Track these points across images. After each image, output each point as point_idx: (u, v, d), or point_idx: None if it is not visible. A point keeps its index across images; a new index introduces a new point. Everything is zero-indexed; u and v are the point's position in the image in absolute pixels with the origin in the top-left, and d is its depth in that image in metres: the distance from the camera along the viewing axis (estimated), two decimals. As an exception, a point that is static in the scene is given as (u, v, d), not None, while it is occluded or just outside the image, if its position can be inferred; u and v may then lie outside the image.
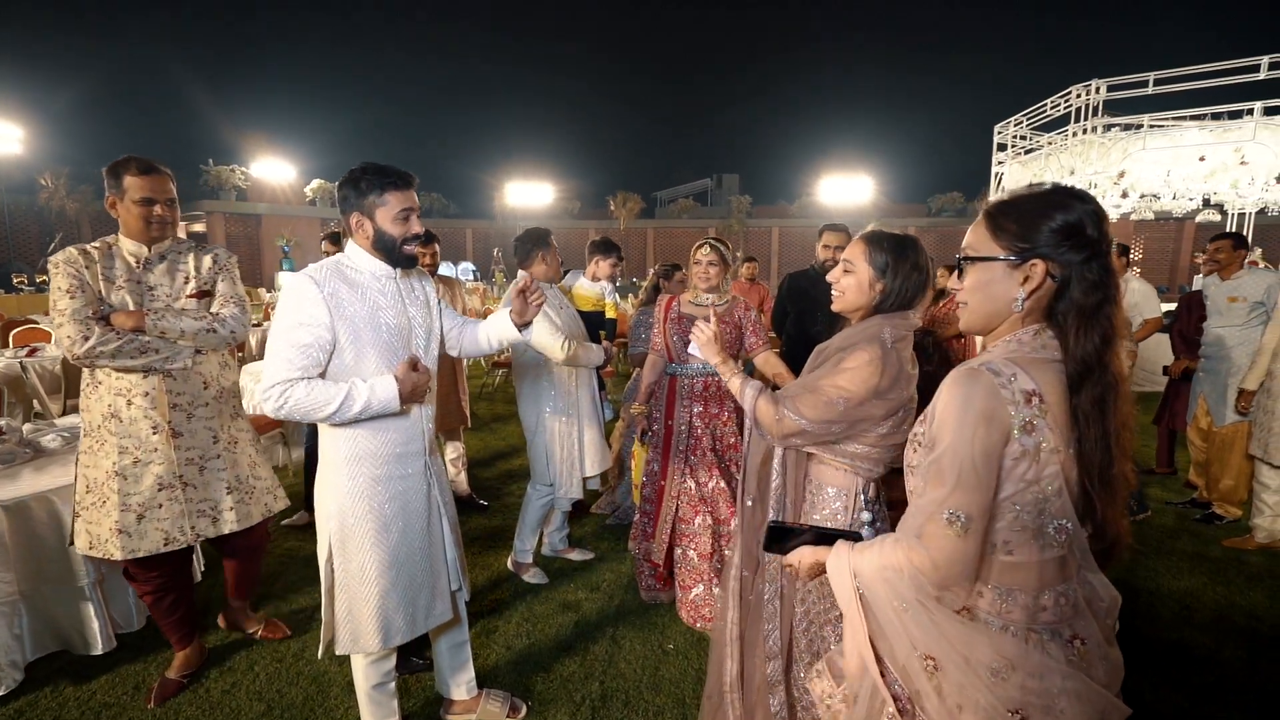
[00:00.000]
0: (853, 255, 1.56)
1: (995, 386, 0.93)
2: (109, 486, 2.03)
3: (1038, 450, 0.94)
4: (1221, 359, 3.62)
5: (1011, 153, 12.11)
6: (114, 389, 2.03)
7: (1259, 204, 10.79)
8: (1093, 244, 0.96)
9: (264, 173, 24.02)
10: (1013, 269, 1.00)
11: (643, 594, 2.83)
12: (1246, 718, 2.13)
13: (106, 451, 2.04)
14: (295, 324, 1.60)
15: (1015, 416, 0.93)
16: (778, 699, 1.63)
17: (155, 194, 2.02)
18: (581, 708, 2.15)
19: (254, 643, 2.49)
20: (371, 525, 1.71)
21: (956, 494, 0.95)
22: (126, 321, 1.99)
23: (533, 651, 2.47)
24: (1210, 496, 3.81)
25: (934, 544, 0.96)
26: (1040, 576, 0.98)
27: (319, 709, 2.13)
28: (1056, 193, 1.01)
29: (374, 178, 1.64)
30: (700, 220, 30.70)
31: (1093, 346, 0.95)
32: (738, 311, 2.73)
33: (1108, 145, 9.57)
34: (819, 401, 1.47)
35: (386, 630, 1.74)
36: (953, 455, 0.95)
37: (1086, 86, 10.05)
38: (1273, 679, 2.34)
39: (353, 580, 1.72)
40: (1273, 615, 2.75)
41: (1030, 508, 0.96)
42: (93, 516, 2.05)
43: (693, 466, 2.69)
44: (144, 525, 2.06)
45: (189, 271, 2.13)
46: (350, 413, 1.61)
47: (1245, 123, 8.55)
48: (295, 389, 1.57)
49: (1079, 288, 0.97)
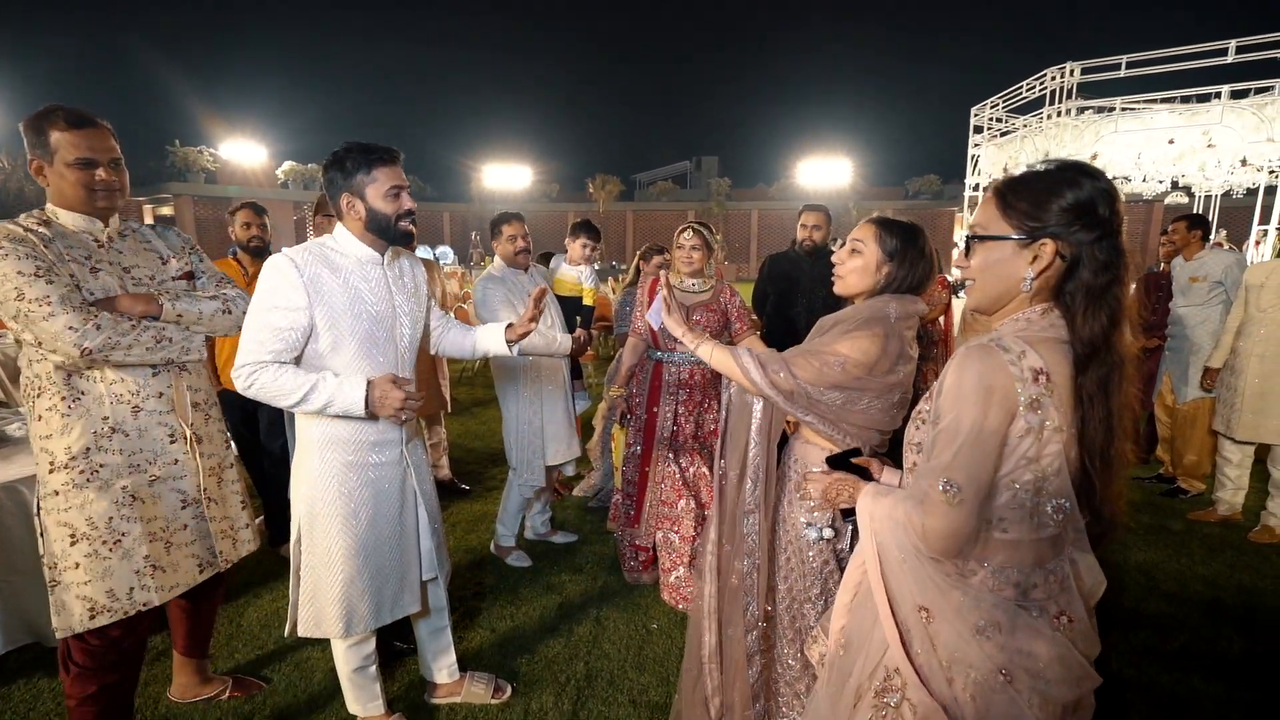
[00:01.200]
0: (863, 235, 1.54)
1: (1004, 363, 0.93)
2: (120, 524, 1.63)
3: (1041, 428, 0.94)
4: (1184, 338, 3.73)
5: (988, 135, 12.22)
6: (113, 396, 1.63)
7: (1224, 186, 11.06)
8: (1103, 223, 0.95)
9: (234, 154, 23.36)
10: (1022, 248, 0.99)
11: (626, 575, 2.85)
12: (1208, 683, 2.22)
13: (104, 481, 1.62)
14: (271, 306, 1.57)
15: (1022, 393, 0.93)
16: (755, 669, 1.66)
17: (95, 153, 1.58)
18: (566, 688, 2.17)
19: (235, 633, 2.46)
20: (340, 510, 1.69)
21: (956, 465, 0.96)
22: (136, 305, 1.63)
23: (516, 633, 2.48)
24: (1175, 472, 3.94)
25: (931, 510, 0.98)
26: (1034, 554, 1.00)
27: (302, 695, 2.12)
28: (1067, 170, 0.99)
29: (360, 155, 1.60)
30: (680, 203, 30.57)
31: (1100, 327, 0.94)
32: (723, 297, 2.73)
33: (1081, 128, 9.71)
34: (814, 364, 1.47)
35: (349, 617, 1.72)
36: (956, 427, 0.96)
37: (1061, 69, 10.15)
38: (1233, 645, 2.44)
39: (318, 564, 1.71)
40: (1232, 584, 2.87)
41: (1028, 486, 0.97)
42: (92, 573, 1.60)
43: (676, 451, 2.70)
44: (174, 555, 1.73)
45: (161, 249, 1.79)
46: (311, 406, 1.58)
47: (1213, 106, 8.72)
48: (264, 373, 1.55)
49: (1088, 268, 0.96)
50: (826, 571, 1.61)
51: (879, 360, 1.46)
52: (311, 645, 2.37)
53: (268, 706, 2.08)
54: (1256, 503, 3.45)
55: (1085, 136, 9.63)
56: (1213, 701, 2.13)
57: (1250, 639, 2.47)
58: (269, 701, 2.10)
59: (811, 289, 3.37)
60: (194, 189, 22.22)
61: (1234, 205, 14.71)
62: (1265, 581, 2.89)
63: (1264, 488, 3.39)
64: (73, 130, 1.56)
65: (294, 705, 2.09)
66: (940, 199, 27.83)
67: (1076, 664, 0.99)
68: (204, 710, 2.04)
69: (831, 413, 1.50)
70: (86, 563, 1.61)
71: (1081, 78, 10.03)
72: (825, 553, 1.61)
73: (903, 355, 1.50)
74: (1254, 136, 8.27)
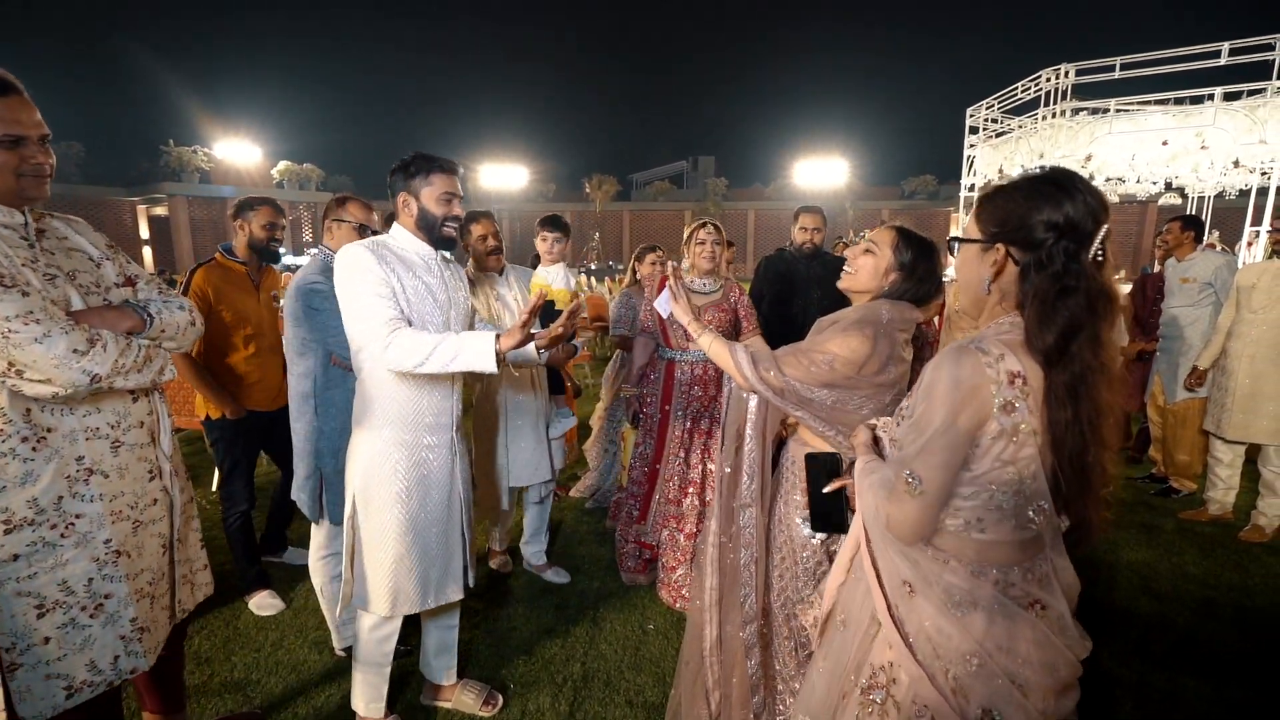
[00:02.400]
0: (880, 239, 1.58)
1: (981, 364, 0.96)
2: (102, 584, 1.39)
3: (1015, 430, 0.96)
4: (1175, 338, 3.76)
5: (983, 135, 12.26)
6: (88, 431, 1.37)
7: (1218, 187, 11.13)
8: (1058, 231, 0.96)
9: (229, 154, 23.27)
10: (983, 251, 1.04)
11: (624, 576, 2.86)
12: (1199, 681, 2.24)
13: (81, 535, 1.36)
14: (368, 285, 1.65)
15: (996, 395, 0.95)
16: (754, 661, 1.67)
17: (24, 127, 1.28)
18: (564, 689, 2.18)
19: (232, 635, 2.47)
20: (394, 488, 1.75)
21: (921, 458, 0.99)
22: (123, 321, 1.40)
23: (513, 634, 2.49)
24: (1167, 471, 3.97)
25: (895, 499, 1.02)
26: (1012, 554, 1.02)
27: (299, 698, 2.13)
28: (1042, 180, 1.00)
29: (422, 162, 1.77)
30: (676, 203, 30.58)
31: (1053, 336, 0.94)
32: (733, 296, 2.75)
33: (1075, 129, 9.75)
34: (803, 362, 1.50)
35: (396, 595, 1.78)
36: (926, 422, 0.99)
37: (1056, 71, 10.20)
38: (1224, 643, 2.46)
39: (371, 539, 1.76)
40: (1223, 583, 2.89)
41: (1006, 488, 0.99)
42: (68, 646, 1.35)
43: (687, 450, 2.71)
44: (155, 610, 1.52)
45: (87, 248, 1.48)
46: (438, 360, 1.61)
47: (1206, 108, 8.77)
48: (400, 332, 1.63)
49: (1039, 275, 0.97)
50: (820, 572, 1.62)
51: (868, 360, 1.48)
52: (308, 649, 2.37)
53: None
54: (1247, 502, 3.48)
55: (1080, 138, 9.67)
56: (1203, 700, 2.15)
57: (1241, 637, 2.50)
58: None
59: (808, 290, 3.38)
60: (188, 189, 22.11)
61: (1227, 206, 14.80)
62: (1255, 580, 2.91)
63: (1254, 487, 3.42)
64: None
65: (298, 714, 2.09)
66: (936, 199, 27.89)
67: (1054, 649, 1.01)
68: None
69: (824, 411, 1.52)
70: (60, 635, 1.34)
71: (1076, 79, 10.07)
72: (819, 553, 1.62)
73: (894, 357, 1.52)
74: (1246, 138, 8.32)
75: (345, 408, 2.13)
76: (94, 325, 1.35)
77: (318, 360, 2.11)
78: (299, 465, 2.20)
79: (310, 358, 2.12)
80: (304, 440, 2.17)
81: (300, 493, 2.18)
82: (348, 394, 2.14)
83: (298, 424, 2.18)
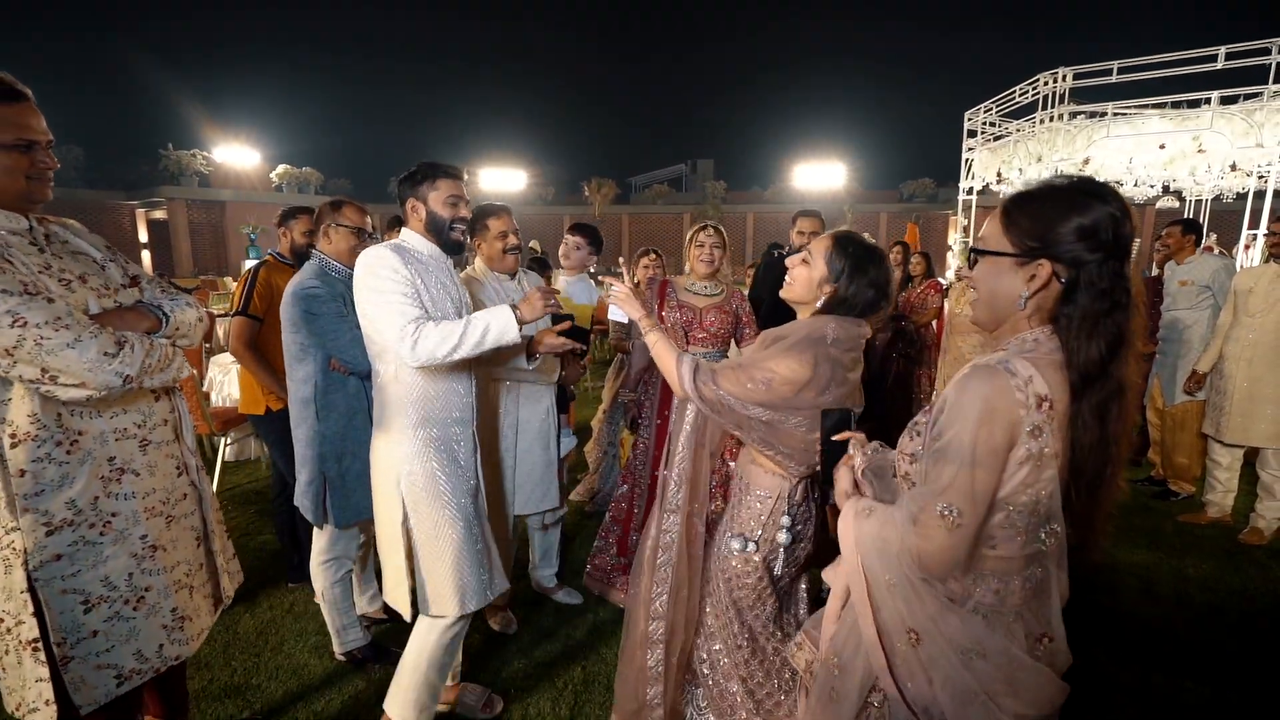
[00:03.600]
0: (815, 249, 1.53)
1: (1011, 388, 0.92)
2: (141, 578, 1.44)
3: (1040, 454, 0.93)
4: (1174, 341, 3.77)
5: (981, 139, 12.29)
6: (118, 432, 1.41)
7: (1215, 191, 11.16)
8: (1105, 247, 0.93)
9: (227, 158, 23.29)
10: (1019, 266, 0.98)
11: (589, 581, 2.80)
12: (1199, 684, 2.25)
13: (119, 532, 1.41)
14: (394, 285, 1.68)
15: (1026, 420, 0.92)
16: (654, 656, 1.71)
17: (35, 132, 1.32)
18: (564, 693, 2.18)
19: (232, 640, 2.46)
20: (440, 485, 1.77)
21: (954, 488, 0.94)
22: (142, 322, 1.44)
23: (513, 637, 2.49)
24: (1165, 474, 3.97)
25: (926, 533, 0.97)
26: (1016, 566, 1.00)
27: (299, 703, 2.12)
28: (1077, 190, 0.96)
29: (427, 169, 1.83)
30: (675, 206, 30.64)
31: (1096, 354, 0.92)
32: (734, 301, 2.73)
33: (1073, 132, 9.78)
34: (742, 378, 1.45)
35: (463, 593, 1.77)
36: (957, 449, 0.94)
37: (1053, 74, 10.23)
38: (1224, 646, 2.46)
39: (428, 540, 1.76)
40: (1222, 586, 2.90)
41: (1024, 509, 0.96)
42: (116, 638, 1.41)
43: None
44: (196, 599, 1.59)
45: (89, 250, 1.50)
46: (470, 342, 1.66)
47: (1203, 112, 8.80)
48: (422, 328, 1.65)
49: (1086, 293, 0.94)
50: (761, 587, 1.63)
51: (808, 384, 1.43)
52: (308, 653, 2.37)
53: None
54: (1246, 505, 3.48)
55: (1077, 141, 9.69)
56: (1203, 703, 2.16)
57: (1241, 640, 2.50)
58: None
59: None
60: (188, 193, 22.08)
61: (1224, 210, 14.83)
62: (1254, 583, 2.92)
63: (1253, 490, 3.42)
64: (7, 104, 1.29)
65: (293, 717, 2.08)
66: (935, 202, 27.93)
67: (1054, 688, 1.01)
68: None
69: (759, 430, 1.47)
70: (107, 628, 1.40)
71: (1074, 83, 10.11)
72: (759, 570, 1.61)
73: (835, 379, 1.45)
74: (1243, 142, 8.34)
75: (346, 411, 2.14)
76: (116, 327, 1.38)
77: (317, 365, 2.12)
78: (301, 471, 2.20)
79: (310, 363, 2.12)
80: (305, 445, 2.17)
81: (303, 498, 2.19)
82: (348, 397, 2.15)
83: (299, 429, 2.18)
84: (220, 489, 3.92)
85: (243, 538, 3.31)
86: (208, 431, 3.89)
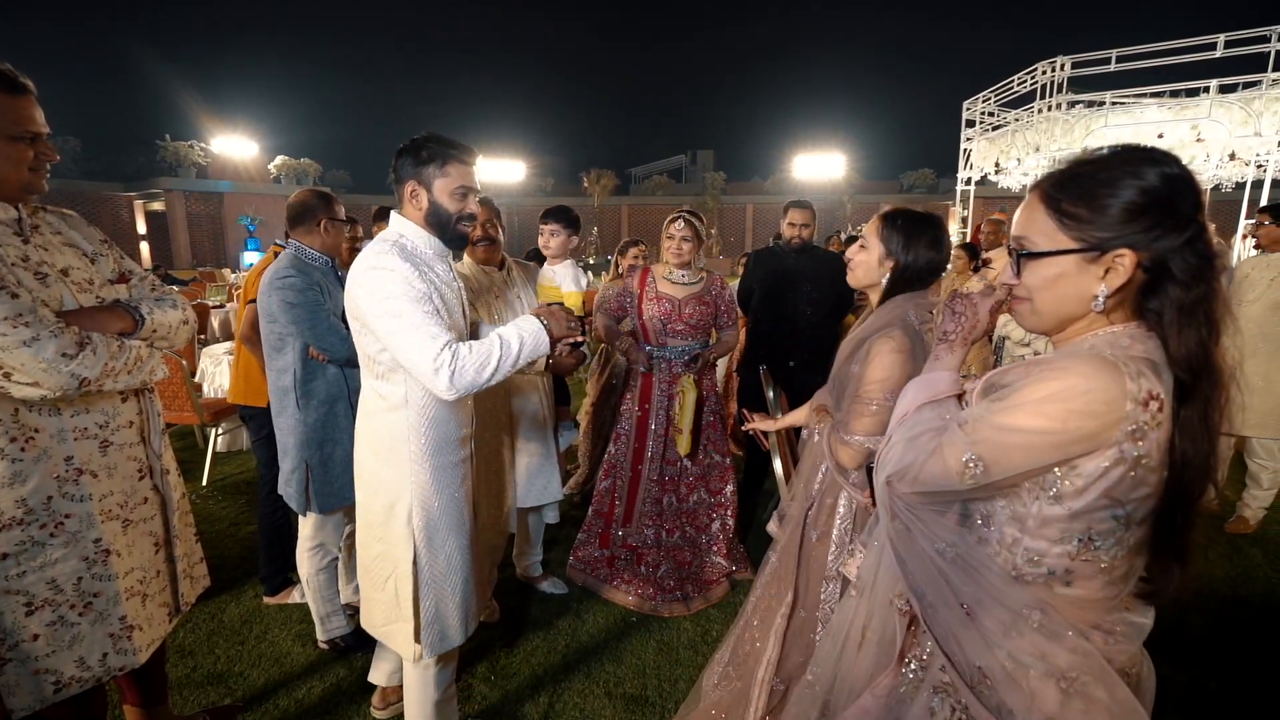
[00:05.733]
0: (868, 231, 1.58)
1: (1123, 375, 0.76)
2: (91, 583, 1.40)
3: (1137, 463, 0.78)
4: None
5: (979, 129, 12.23)
6: (77, 431, 1.37)
7: (1213, 180, 11.10)
8: (1187, 221, 0.79)
9: (225, 149, 23.22)
10: (1089, 262, 0.82)
11: (572, 572, 2.81)
12: (1176, 670, 2.25)
13: (71, 534, 1.37)
14: (414, 300, 1.43)
15: (1129, 419, 0.76)
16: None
17: (39, 125, 1.33)
18: (545, 680, 2.19)
19: (216, 629, 2.48)
20: (455, 513, 1.63)
21: (993, 446, 0.82)
22: (115, 322, 1.40)
23: (494, 626, 2.50)
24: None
25: (943, 450, 0.88)
26: (1096, 609, 0.88)
27: (281, 690, 2.14)
28: (1124, 158, 0.83)
29: (437, 147, 1.52)
30: (675, 196, 30.57)
31: (1197, 344, 0.79)
32: (714, 289, 2.73)
33: (1071, 122, 9.72)
34: (866, 412, 1.46)
35: (466, 619, 1.67)
36: (1016, 421, 0.81)
37: (1052, 63, 10.16)
38: (1207, 634, 2.47)
39: (439, 574, 1.61)
40: (1208, 574, 2.90)
41: (1108, 536, 0.82)
42: (57, 643, 1.37)
43: (665, 448, 2.71)
44: (149, 608, 1.54)
45: (80, 243, 1.48)
46: (509, 360, 1.46)
47: (1201, 100, 8.74)
48: (459, 350, 1.43)
49: (1177, 280, 0.80)
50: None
51: (911, 370, 1.41)
52: (292, 641, 2.38)
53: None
54: (1234, 494, 3.48)
55: (1076, 131, 9.64)
56: (1181, 688, 2.17)
57: (1223, 628, 2.51)
58: (253, 713, 2.11)
59: (798, 284, 3.35)
60: (185, 184, 22.03)
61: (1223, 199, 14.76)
62: (1238, 571, 2.92)
63: (1242, 479, 3.42)
64: (13, 96, 1.29)
65: (279, 706, 2.10)
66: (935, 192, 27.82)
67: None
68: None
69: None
70: (49, 632, 1.35)
71: (1072, 72, 10.04)
72: None
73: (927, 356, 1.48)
74: (1242, 131, 8.29)
75: (326, 398, 2.14)
76: (85, 327, 1.34)
77: (295, 354, 2.12)
78: (284, 460, 2.20)
79: (288, 352, 2.12)
80: (287, 434, 2.17)
81: (287, 486, 2.19)
82: (327, 384, 2.14)
83: (280, 419, 2.19)
84: (211, 479, 3.94)
85: (231, 527, 3.33)
86: (198, 422, 3.90)
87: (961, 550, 0.92)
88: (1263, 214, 3.22)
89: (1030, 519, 0.86)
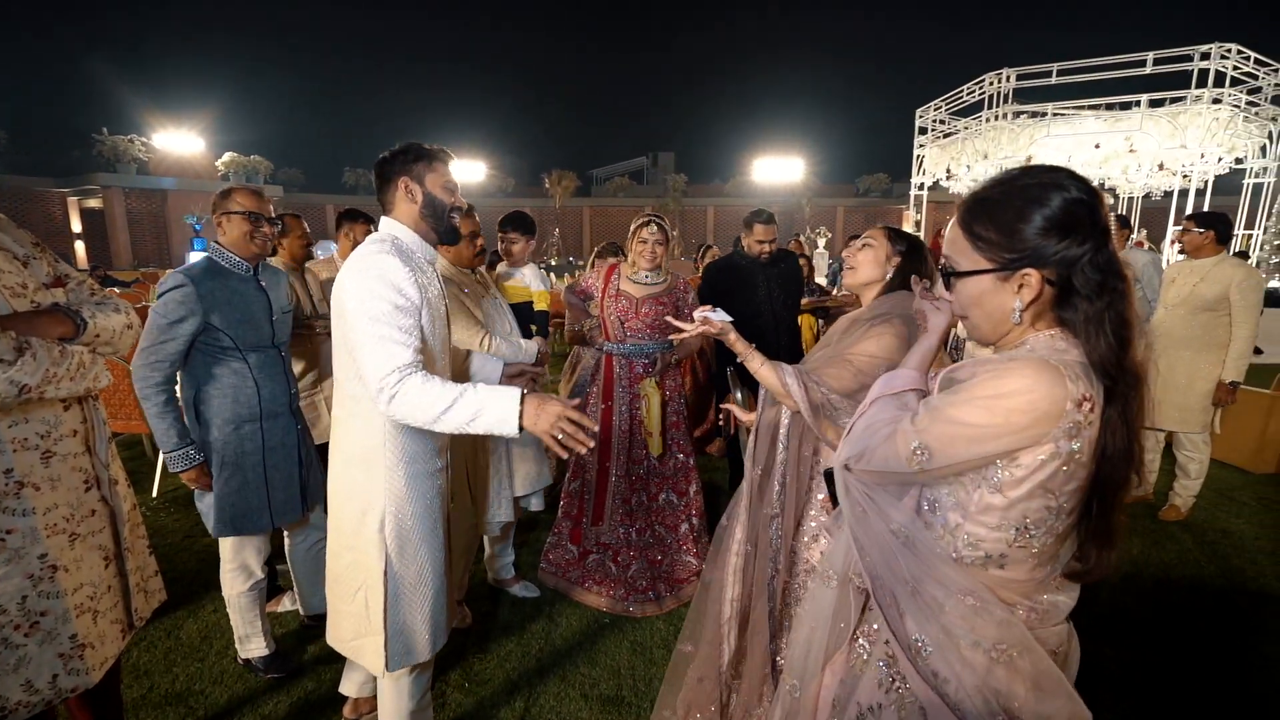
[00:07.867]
0: (874, 234, 1.73)
1: (1062, 377, 0.84)
2: (37, 601, 1.33)
3: (1071, 458, 0.85)
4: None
5: (931, 136, 12.67)
6: (16, 442, 1.30)
7: (1145, 189, 11.79)
8: (1088, 237, 0.86)
9: (168, 144, 22.23)
10: (1002, 280, 0.91)
11: (543, 575, 2.82)
12: (1118, 650, 2.40)
13: (14, 551, 1.30)
14: (395, 307, 1.41)
15: (1065, 417, 0.84)
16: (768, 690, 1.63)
17: None
18: (520, 685, 2.20)
19: (174, 646, 2.39)
20: (427, 524, 1.60)
21: (940, 438, 0.89)
22: (55, 326, 1.34)
23: (468, 630, 2.49)
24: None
25: (893, 440, 0.96)
26: (1024, 588, 0.95)
27: (245, 707, 2.08)
28: (1031, 181, 0.89)
29: (421, 148, 1.60)
30: (637, 199, 30.67)
31: (1108, 349, 0.86)
32: (676, 290, 2.78)
33: (1017, 131, 10.18)
34: (845, 373, 1.52)
35: (435, 634, 1.64)
36: (964, 420, 0.87)
37: (998, 75, 10.61)
38: (1143, 614, 2.63)
39: (409, 587, 1.58)
40: (1143, 559, 3.09)
41: (1039, 524, 0.90)
42: (1, 666, 1.31)
43: (631, 445, 2.74)
44: (101, 625, 1.46)
45: (11, 246, 1.40)
46: (454, 419, 1.37)
47: (1134, 113, 9.26)
48: (410, 381, 1.37)
49: (1083, 292, 0.87)
50: None
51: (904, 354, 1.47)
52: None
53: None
54: (1166, 484, 3.72)
55: (1020, 139, 10.11)
56: (1122, 665, 2.31)
57: (1158, 608, 2.68)
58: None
59: (770, 289, 3.30)
60: (125, 180, 21.01)
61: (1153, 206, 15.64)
62: (1170, 555, 3.13)
63: (1173, 470, 3.66)
64: None
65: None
66: (889, 196, 28.66)
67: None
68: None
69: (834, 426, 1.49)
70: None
71: (1017, 84, 10.51)
72: None
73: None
74: (1170, 143, 8.83)
75: (232, 419, 2.00)
76: (22, 331, 1.27)
77: (189, 371, 2.00)
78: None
79: (182, 369, 2.00)
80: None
81: (199, 502, 2.08)
82: (227, 406, 2.00)
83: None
84: (161, 490, 3.78)
85: (185, 540, 3.21)
86: (146, 431, 3.74)
87: (910, 532, 1.00)
88: (1188, 221, 3.44)
89: (972, 505, 0.93)
